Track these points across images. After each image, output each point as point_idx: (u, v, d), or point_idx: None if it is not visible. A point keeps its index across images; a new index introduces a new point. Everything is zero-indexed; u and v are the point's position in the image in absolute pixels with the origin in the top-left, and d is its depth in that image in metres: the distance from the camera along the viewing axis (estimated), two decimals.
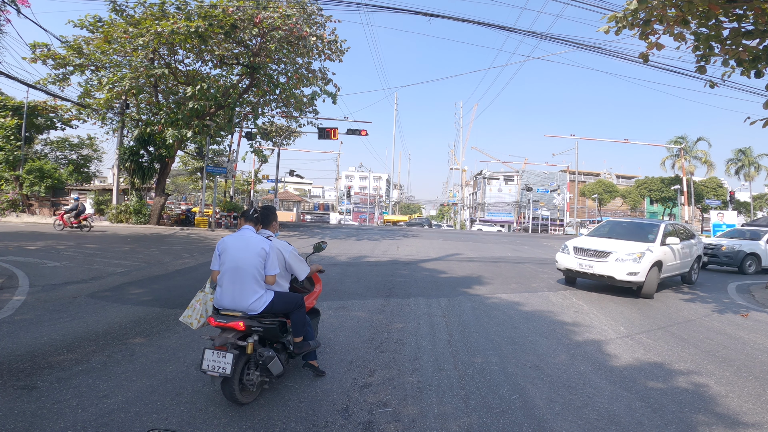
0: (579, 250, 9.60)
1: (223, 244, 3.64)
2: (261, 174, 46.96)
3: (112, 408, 3.33)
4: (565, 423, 3.39)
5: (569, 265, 9.56)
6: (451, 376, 4.26)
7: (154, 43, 17.27)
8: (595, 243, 9.65)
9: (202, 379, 3.87)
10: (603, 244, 9.46)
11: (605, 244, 9.52)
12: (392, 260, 13.22)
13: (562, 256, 9.86)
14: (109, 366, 4.15)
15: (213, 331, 3.63)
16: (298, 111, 23.26)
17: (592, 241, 9.85)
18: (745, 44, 6.81)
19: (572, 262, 9.48)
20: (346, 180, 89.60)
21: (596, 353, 5.24)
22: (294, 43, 19.09)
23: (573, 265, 9.45)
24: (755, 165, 50.39)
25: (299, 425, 3.18)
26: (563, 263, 9.77)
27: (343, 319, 6.15)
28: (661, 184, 52.80)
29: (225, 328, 3.39)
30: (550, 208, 59.25)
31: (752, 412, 3.78)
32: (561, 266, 9.88)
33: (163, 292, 7.62)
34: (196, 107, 18.91)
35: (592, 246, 9.48)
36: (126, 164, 22.77)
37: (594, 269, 9.04)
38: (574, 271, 9.49)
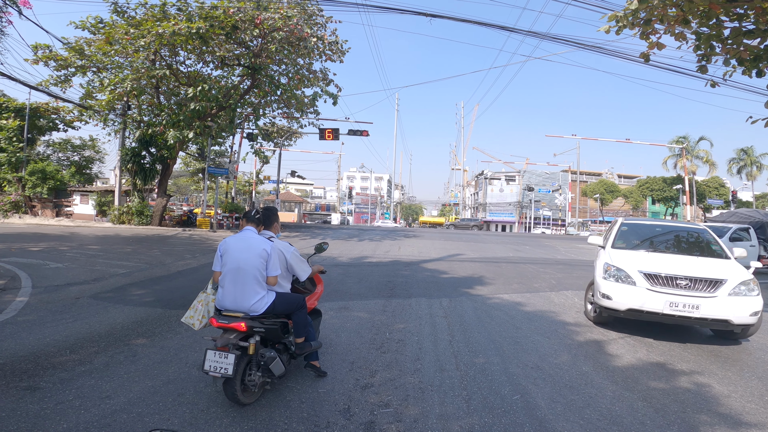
0: (658, 279, 5.75)
1: (224, 245, 3.65)
2: (262, 175, 47.03)
3: (114, 409, 3.33)
4: (567, 423, 3.39)
5: (648, 304, 5.63)
6: (452, 376, 4.26)
7: (155, 44, 17.31)
8: (675, 264, 6.10)
9: (204, 379, 3.88)
10: (687, 266, 6.02)
11: (686, 265, 6.09)
12: (394, 261, 13.22)
13: (622, 289, 5.87)
14: (112, 367, 4.16)
15: (215, 331, 3.63)
16: (299, 112, 23.32)
17: (663, 261, 6.27)
18: (747, 43, 6.80)
19: (653, 299, 5.61)
20: (347, 180, 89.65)
21: (598, 353, 5.23)
22: (295, 43, 19.13)
23: (656, 305, 5.58)
24: (757, 164, 50.31)
25: (301, 426, 3.19)
26: (625, 300, 5.78)
27: (345, 320, 6.16)
28: (663, 183, 52.76)
29: (227, 329, 3.39)
30: (551, 208, 59.19)
31: (755, 412, 3.77)
32: (620, 305, 5.82)
33: (165, 293, 7.63)
34: (197, 108, 18.95)
35: (681, 270, 5.85)
36: (128, 165, 22.82)
37: (701, 311, 5.47)
38: (659, 314, 5.60)
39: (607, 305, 6.01)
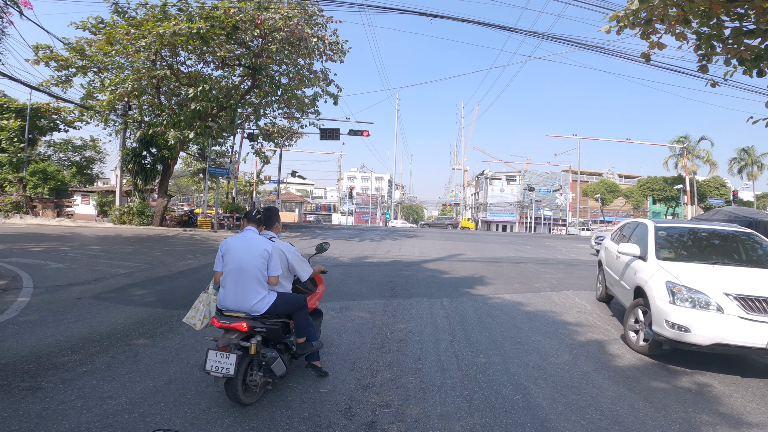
0: (754, 304, 4.54)
1: (225, 245, 3.65)
2: (263, 175, 47.08)
3: (116, 409, 3.34)
4: (568, 423, 3.39)
5: (745, 338, 4.45)
6: (453, 376, 4.26)
7: (156, 44, 17.32)
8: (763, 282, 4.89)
9: (206, 379, 3.88)
10: None
11: None
12: (394, 261, 13.23)
13: (705, 318, 4.58)
14: (113, 367, 4.16)
15: (216, 332, 3.64)
16: (299, 112, 23.33)
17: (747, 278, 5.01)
18: (747, 43, 6.80)
19: (752, 331, 4.42)
20: (348, 181, 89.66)
21: (599, 353, 5.23)
22: (295, 44, 19.13)
23: (758, 338, 4.40)
24: (758, 164, 50.26)
25: (302, 426, 3.19)
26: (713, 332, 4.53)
27: (346, 320, 6.16)
28: (664, 183, 52.73)
29: (228, 329, 3.40)
30: (552, 208, 59.13)
31: (756, 412, 3.77)
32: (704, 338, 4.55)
33: (166, 294, 7.64)
34: (198, 108, 18.96)
35: None
36: (129, 166, 22.84)
37: None
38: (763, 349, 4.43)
39: (683, 339, 4.63)
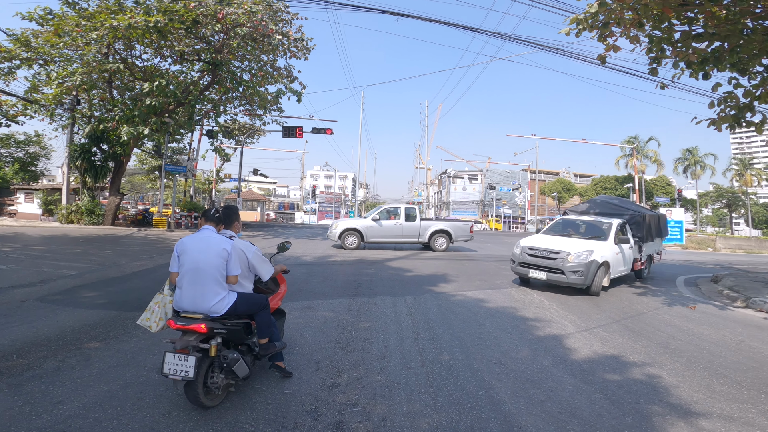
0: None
1: (181, 245, 3.54)
2: (223, 173, 45.77)
3: (68, 414, 3.18)
4: (530, 417, 3.50)
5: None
6: (418, 373, 4.31)
7: (108, 37, 16.48)
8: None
9: (164, 383, 3.75)
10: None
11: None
12: (358, 259, 13.21)
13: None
14: (63, 371, 3.96)
15: (173, 334, 3.53)
16: (262, 109, 22.82)
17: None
18: (695, 47, 7.24)
19: None
20: (311, 179, 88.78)
21: (557, 347, 5.42)
22: (259, 40, 18.71)
23: None
24: (701, 164, 53.59)
25: (268, 427, 3.14)
26: None
27: (310, 320, 6.11)
28: (616, 182, 55.25)
29: (186, 331, 3.30)
30: (512, 206, 60.81)
31: (702, 402, 3.99)
32: None
33: (119, 295, 7.31)
34: (153, 104, 18.20)
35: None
36: (77, 162, 21.67)
37: None
38: None
39: None
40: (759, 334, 6.66)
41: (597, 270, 8.73)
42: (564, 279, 8.75)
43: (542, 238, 10.11)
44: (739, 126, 7.52)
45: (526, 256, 9.44)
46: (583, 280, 8.63)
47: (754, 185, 59.88)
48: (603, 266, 8.94)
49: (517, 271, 9.69)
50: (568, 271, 8.70)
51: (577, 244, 9.34)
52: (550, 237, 10.25)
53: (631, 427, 3.40)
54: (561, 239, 9.87)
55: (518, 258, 9.67)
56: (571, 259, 8.75)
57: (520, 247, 9.77)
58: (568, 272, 8.70)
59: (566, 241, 9.66)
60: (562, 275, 8.79)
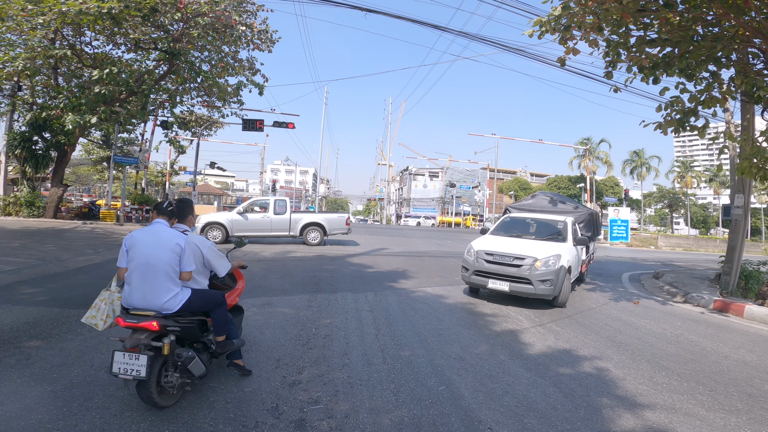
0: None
1: (131, 239, 3.38)
2: (178, 165, 44.01)
3: (8, 415, 2.99)
4: (489, 411, 3.57)
5: None
6: (380, 370, 4.31)
7: (56, 22, 15.42)
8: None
9: (114, 382, 3.57)
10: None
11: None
12: (318, 255, 13.09)
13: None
14: (1, 371, 3.70)
15: (122, 332, 3.36)
16: (221, 101, 22.08)
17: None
18: (648, 52, 7.63)
19: None
20: (271, 174, 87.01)
21: (513, 342, 5.58)
22: (221, 30, 18.04)
23: None
24: (647, 165, 56.66)
25: (228, 427, 3.05)
26: None
27: (269, 316, 5.99)
28: (569, 182, 57.54)
29: (136, 329, 3.15)
30: (471, 204, 62.08)
31: (646, 394, 4.19)
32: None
33: (62, 292, 6.90)
34: (103, 92, 17.20)
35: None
36: (16, 151, 20.24)
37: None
38: None
39: None
40: (696, 328, 7.12)
41: (565, 277, 7.66)
42: (531, 290, 7.42)
43: (495, 241, 8.63)
44: (684, 130, 7.98)
45: (483, 263, 7.89)
46: (552, 290, 7.42)
47: (694, 187, 64.07)
48: (568, 272, 7.90)
49: (471, 281, 8.10)
50: (536, 281, 7.37)
51: (539, 247, 8.06)
52: (502, 239, 8.77)
53: (583, 420, 3.54)
54: (516, 241, 8.52)
55: (473, 265, 8.04)
56: (539, 265, 7.45)
57: (474, 252, 8.14)
58: (536, 282, 7.37)
59: (524, 243, 8.33)
60: (528, 285, 7.44)
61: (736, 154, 10.62)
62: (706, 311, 8.55)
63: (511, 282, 7.56)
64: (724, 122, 12.30)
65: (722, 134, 8.79)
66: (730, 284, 10.04)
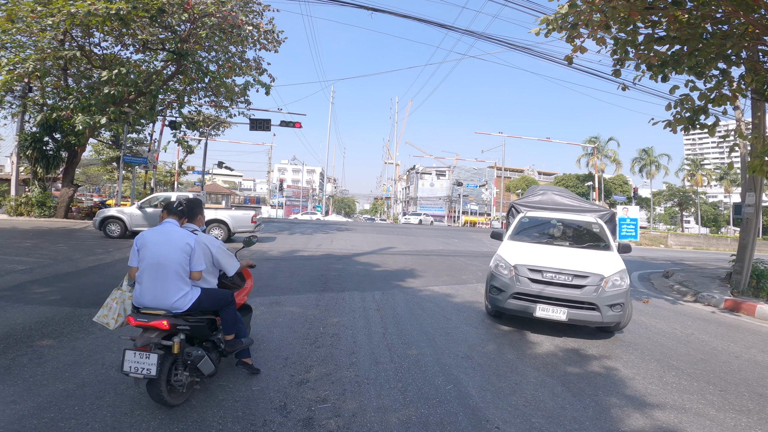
0: None
1: (141, 238, 3.41)
2: (186, 165, 44.36)
3: (22, 414, 3.03)
4: (497, 410, 3.57)
5: None
6: (387, 369, 4.32)
7: (65, 24, 15.59)
8: None
9: (125, 381, 3.61)
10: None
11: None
12: (326, 254, 13.13)
13: None
14: (14, 370, 3.76)
15: (133, 331, 3.40)
16: (228, 101, 22.22)
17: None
18: (656, 50, 7.56)
19: None
20: (278, 173, 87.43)
21: (521, 341, 5.56)
22: (228, 30, 18.16)
23: None
24: (656, 163, 56.18)
25: (236, 425, 3.08)
26: None
27: (277, 315, 6.03)
28: (577, 180, 57.17)
29: (147, 328, 3.19)
30: (478, 203, 61.91)
31: (656, 393, 4.17)
32: None
33: (73, 291, 6.98)
34: (112, 93, 17.37)
35: None
36: (27, 152, 20.50)
37: None
38: None
39: None
40: (707, 327, 7.05)
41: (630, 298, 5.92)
42: (597, 318, 5.53)
43: (529, 250, 6.46)
44: (693, 128, 7.90)
45: (528, 283, 5.74)
46: (620, 316, 5.67)
47: (704, 185, 63.35)
48: None
49: (507, 307, 5.85)
50: (605, 305, 5.49)
51: (590, 258, 6.17)
52: (534, 247, 6.67)
53: (591, 419, 3.52)
54: (556, 251, 6.48)
55: (510, 286, 5.82)
56: (607, 285, 5.62)
57: (511, 267, 5.95)
58: (605, 307, 5.49)
59: (568, 254, 6.34)
60: (594, 312, 5.53)
61: (747, 152, 10.49)
62: (716, 310, 8.47)
63: (570, 308, 5.55)
64: (735, 120, 12.16)
65: (733, 132, 8.70)
66: (741, 283, 9.94)
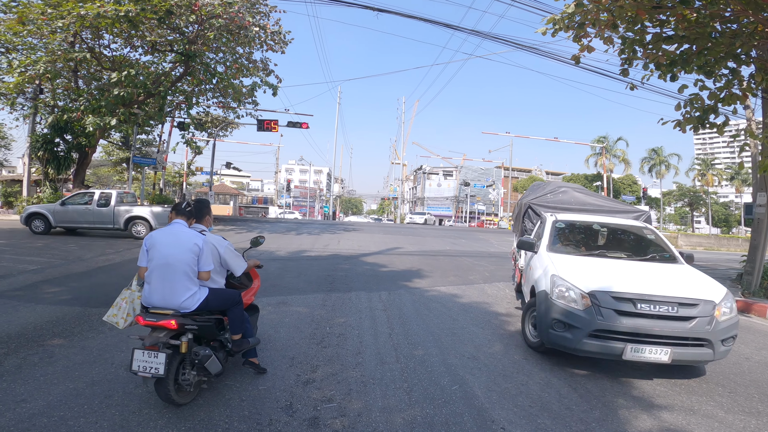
0: None
1: (150, 239, 3.46)
2: (195, 166, 44.71)
3: (32, 412, 3.08)
4: (502, 411, 3.56)
5: None
6: (393, 369, 4.33)
7: (75, 26, 15.81)
8: None
9: (134, 380, 3.66)
10: None
11: None
12: (333, 254, 13.16)
13: None
14: (25, 369, 3.82)
15: (142, 330, 3.44)
16: (236, 102, 22.40)
17: None
18: (665, 49, 7.48)
19: None
20: (286, 173, 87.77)
21: None
22: (235, 32, 18.31)
23: None
24: (666, 163, 55.59)
25: (242, 424, 3.11)
26: None
27: (284, 315, 6.06)
28: (585, 180, 56.69)
29: (156, 327, 3.23)
30: (485, 203, 61.67)
31: (664, 395, 4.13)
32: None
33: (83, 291, 7.08)
34: (122, 94, 17.59)
35: None
36: (39, 153, 20.77)
37: None
38: None
39: None
40: None
41: None
42: (708, 356, 4.35)
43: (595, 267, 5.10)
44: (703, 127, 7.82)
45: (614, 316, 4.31)
46: (728, 351, 4.56)
47: (715, 185, 62.60)
48: None
49: (584, 348, 4.37)
50: (719, 341, 4.35)
51: (678, 277, 5.04)
52: (594, 262, 5.33)
53: (598, 420, 3.51)
54: (625, 267, 5.24)
55: (589, 321, 4.35)
56: (720, 314, 4.44)
57: (583, 293, 4.49)
58: (718, 342, 4.34)
59: (646, 272, 5.13)
60: (705, 350, 4.33)
61: (757, 151, 10.35)
62: None
63: (674, 346, 4.26)
64: (745, 119, 12.01)
65: (743, 131, 8.58)
66: (752, 284, 9.81)
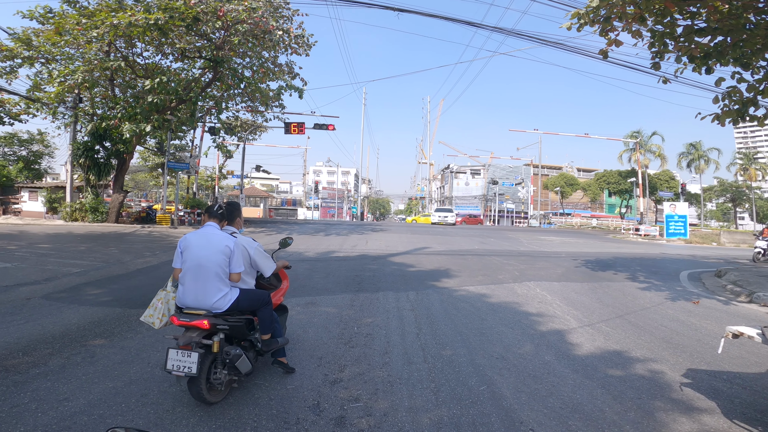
0: None
1: (185, 241, 3.56)
2: (226, 169, 45.84)
3: (73, 411, 3.21)
4: (531, 412, 3.50)
5: None
6: (420, 369, 4.31)
7: (109, 35, 16.52)
8: None
9: (168, 379, 3.78)
10: None
11: None
12: (361, 255, 13.23)
13: None
14: (68, 368, 3.99)
15: (176, 330, 3.55)
16: (263, 105, 22.87)
17: None
18: (697, 41, 7.17)
19: None
20: (313, 175, 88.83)
21: (559, 342, 5.42)
22: (260, 36, 18.72)
23: None
24: (705, 158, 53.31)
25: (270, 423, 3.16)
26: None
27: (312, 315, 6.13)
28: (619, 176, 55.00)
29: (189, 327, 3.32)
30: (515, 201, 60.64)
31: (704, 398, 3.95)
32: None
33: (123, 292, 7.36)
34: (155, 101, 18.26)
35: None
36: (80, 160, 21.74)
37: None
38: None
39: None
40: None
41: None
42: None
43: None
44: (743, 120, 7.46)
45: None
46: None
47: (759, 179, 59.49)
48: None
49: None
50: None
51: None
52: None
53: (633, 423, 3.39)
54: None
55: None
56: None
57: None
58: None
59: None
60: None
61: None
62: None
63: None
64: None
65: None
66: None
